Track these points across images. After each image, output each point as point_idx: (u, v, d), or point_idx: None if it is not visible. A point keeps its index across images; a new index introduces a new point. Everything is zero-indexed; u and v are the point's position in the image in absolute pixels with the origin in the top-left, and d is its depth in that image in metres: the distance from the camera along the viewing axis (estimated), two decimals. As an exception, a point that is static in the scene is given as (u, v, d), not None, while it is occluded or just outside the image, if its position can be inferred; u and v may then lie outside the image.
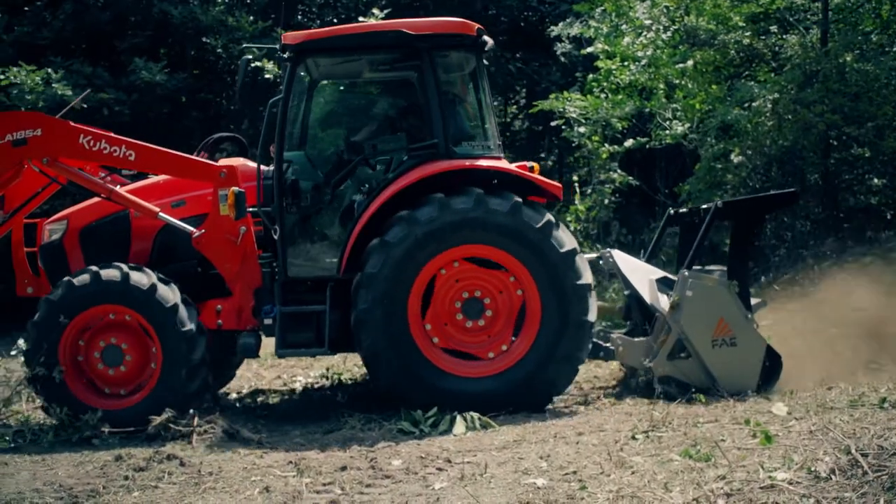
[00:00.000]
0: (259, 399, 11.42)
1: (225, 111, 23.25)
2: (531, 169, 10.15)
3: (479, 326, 9.68)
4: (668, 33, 18.85)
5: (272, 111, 9.82)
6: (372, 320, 9.33)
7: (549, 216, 9.53)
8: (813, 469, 5.95)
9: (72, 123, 9.97)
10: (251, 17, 21.76)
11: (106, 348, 9.53)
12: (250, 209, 9.76)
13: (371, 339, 9.38)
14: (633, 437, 7.83)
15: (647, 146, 19.25)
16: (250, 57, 9.79)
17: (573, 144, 21.29)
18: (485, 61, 10.34)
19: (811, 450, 6.50)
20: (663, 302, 10.12)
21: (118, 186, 10.23)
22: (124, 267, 9.46)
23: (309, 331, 9.74)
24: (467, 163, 9.68)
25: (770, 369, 9.84)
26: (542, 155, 27.65)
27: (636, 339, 10.52)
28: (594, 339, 10.39)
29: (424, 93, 9.83)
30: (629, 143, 19.40)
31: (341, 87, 11.63)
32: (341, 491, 6.88)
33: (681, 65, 18.09)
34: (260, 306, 9.94)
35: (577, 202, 20.06)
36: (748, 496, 5.66)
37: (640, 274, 10.80)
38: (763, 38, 18.33)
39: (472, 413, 9.20)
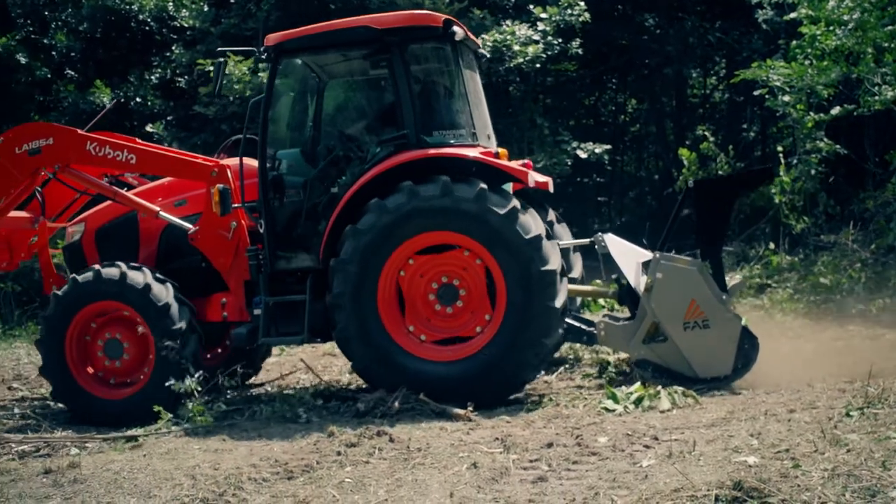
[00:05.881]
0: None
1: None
2: (497, 155, 10.08)
3: (458, 308, 9.83)
4: (877, -6, 18.09)
5: (254, 111, 10.20)
6: (344, 304, 9.61)
7: (514, 202, 9.54)
8: None
9: (79, 131, 10.54)
10: (447, 0, 21.93)
11: (108, 342, 10.05)
12: (236, 206, 10.12)
13: (343, 323, 9.65)
14: (848, 415, 7.61)
15: (855, 113, 18.49)
16: (223, 60, 10.11)
17: (777, 114, 20.68)
18: (471, 48, 10.60)
19: None
20: (643, 284, 10.02)
21: (125, 189, 10.84)
22: (123, 266, 9.91)
23: (293, 320, 10.08)
24: (432, 151, 9.80)
25: (748, 351, 9.73)
26: (745, 126, 27.00)
27: (618, 323, 10.37)
28: (576, 324, 10.27)
29: (395, 85, 10.01)
30: (836, 110, 18.64)
31: (339, 84, 11.87)
32: (548, 468, 6.93)
33: (890, 27, 17.30)
34: (251, 298, 10.35)
35: (781, 174, 19.49)
36: (973, 475, 5.45)
37: (630, 257, 10.60)
38: (978, -6, 17.41)
39: (675, 387, 9.24)
